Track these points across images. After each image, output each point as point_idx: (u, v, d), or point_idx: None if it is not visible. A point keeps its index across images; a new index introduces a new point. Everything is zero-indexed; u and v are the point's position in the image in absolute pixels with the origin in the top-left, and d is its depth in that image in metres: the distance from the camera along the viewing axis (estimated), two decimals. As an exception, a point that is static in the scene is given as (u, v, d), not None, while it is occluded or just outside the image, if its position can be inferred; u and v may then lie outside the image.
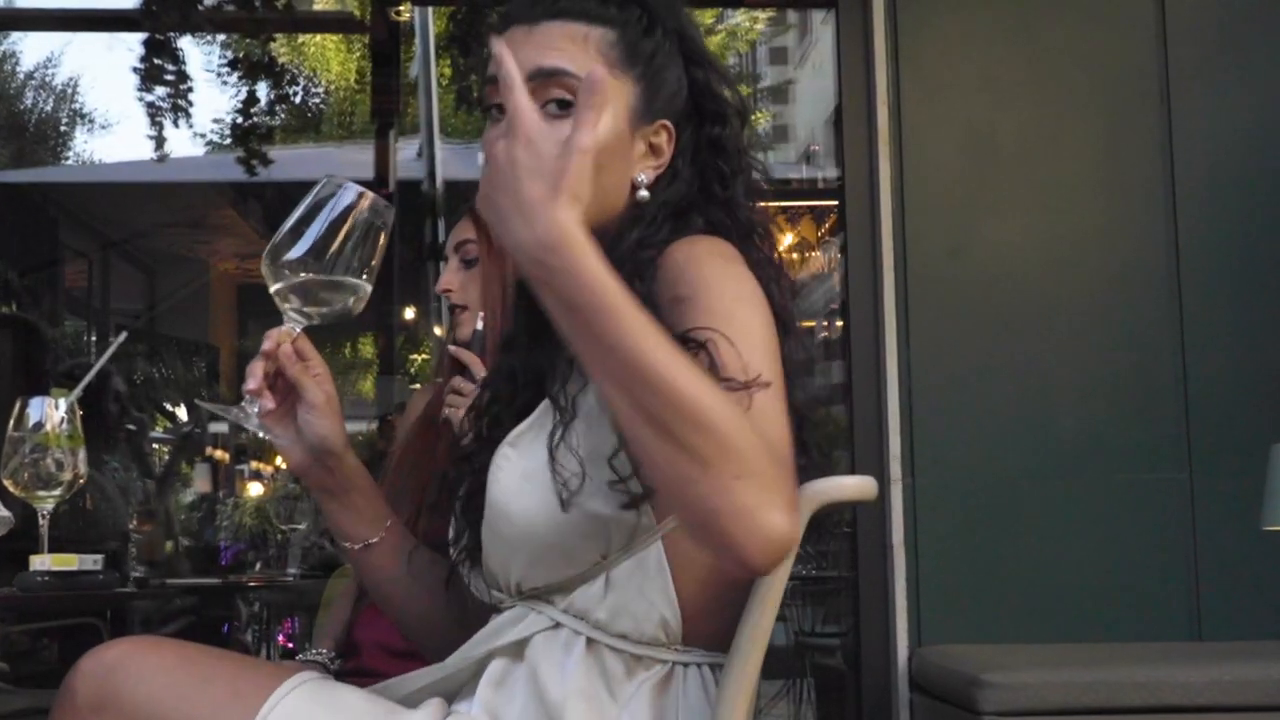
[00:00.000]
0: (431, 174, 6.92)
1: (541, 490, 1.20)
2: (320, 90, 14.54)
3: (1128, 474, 3.14)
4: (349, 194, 1.29)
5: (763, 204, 1.36)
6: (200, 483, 10.49)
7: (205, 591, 4.72)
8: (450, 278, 2.17)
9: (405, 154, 7.05)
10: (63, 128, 16.50)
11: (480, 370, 2.00)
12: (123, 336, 2.34)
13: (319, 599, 2.71)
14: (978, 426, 3.14)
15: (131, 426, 4.61)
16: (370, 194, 1.29)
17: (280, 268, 1.28)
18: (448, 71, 6.11)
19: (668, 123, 1.32)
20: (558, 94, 1.26)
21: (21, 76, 15.93)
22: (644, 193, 1.29)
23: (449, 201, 6.93)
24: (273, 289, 1.29)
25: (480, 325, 2.09)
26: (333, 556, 4.64)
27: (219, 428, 12.08)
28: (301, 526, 4.65)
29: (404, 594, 1.45)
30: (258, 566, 6.99)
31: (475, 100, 5.25)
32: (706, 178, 1.32)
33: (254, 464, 12.98)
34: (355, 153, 8.07)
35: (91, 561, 1.97)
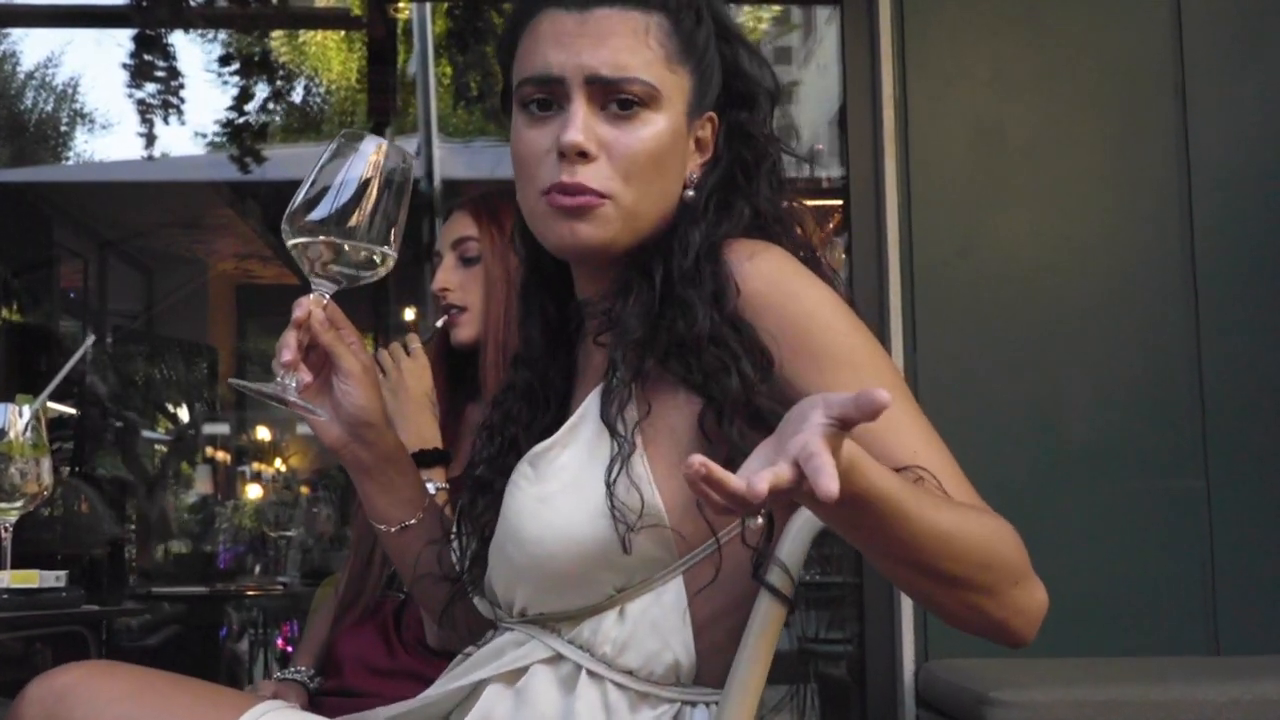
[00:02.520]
0: (429, 173, 6.83)
1: (558, 515, 1.13)
2: (321, 90, 14.47)
3: (1142, 481, 3.04)
4: (369, 146, 1.22)
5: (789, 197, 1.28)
6: (201, 484, 10.46)
7: (195, 599, 4.63)
8: (447, 276, 2.03)
9: (403, 153, 6.96)
10: (63, 128, 16.44)
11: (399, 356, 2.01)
12: (90, 340, 2.25)
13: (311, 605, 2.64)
14: (986, 432, 3.04)
15: (119, 424, 4.55)
16: (389, 144, 1.22)
17: (301, 230, 1.21)
18: (448, 70, 6.04)
19: (713, 114, 1.25)
20: (622, 96, 1.17)
21: (21, 76, 15.87)
22: (690, 192, 1.22)
23: (447, 201, 6.85)
24: (291, 247, 1.22)
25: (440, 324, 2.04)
26: (324, 567, 4.57)
27: (219, 429, 12.01)
28: (293, 533, 4.58)
29: (437, 584, 1.37)
30: (257, 570, 6.95)
31: (475, 98, 5.19)
32: (735, 165, 1.24)
33: (255, 465, 12.95)
34: (353, 152, 7.96)
35: (54, 578, 1.88)
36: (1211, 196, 3.11)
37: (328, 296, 1.25)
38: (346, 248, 1.22)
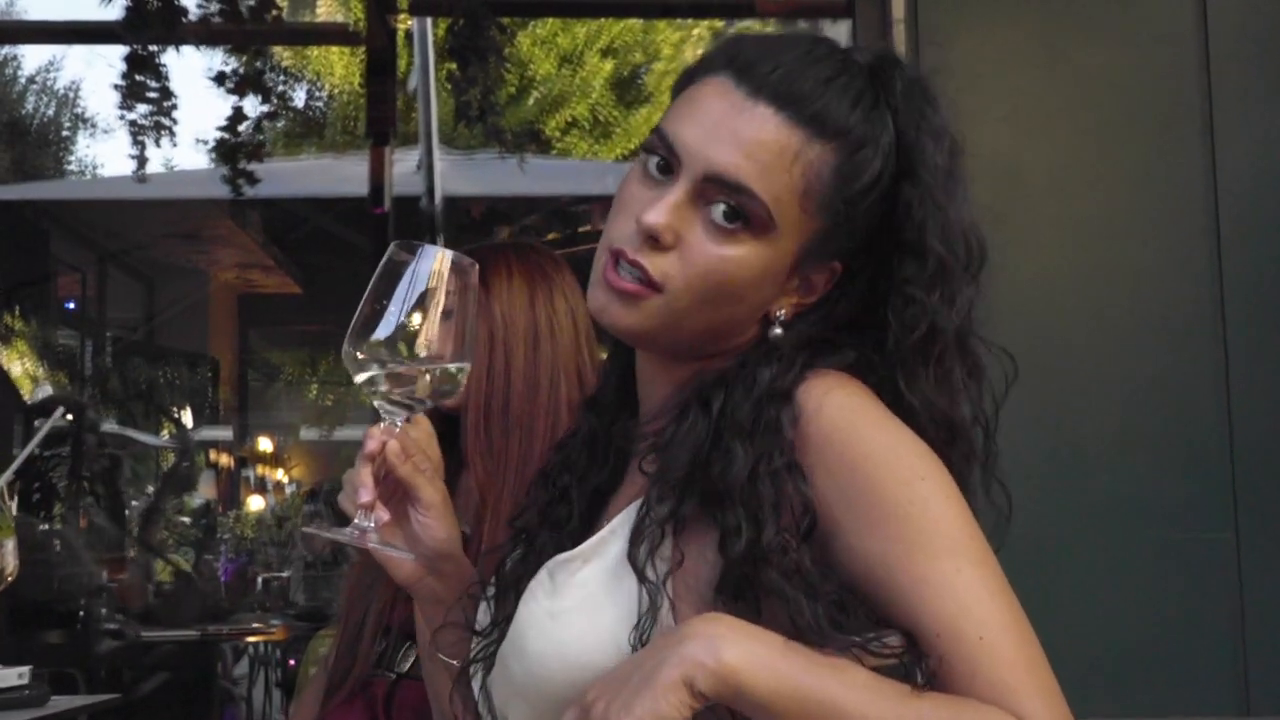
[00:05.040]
0: (430, 189, 6.70)
1: (566, 634, 1.03)
2: (323, 95, 14.38)
3: (1168, 533, 2.93)
4: (427, 257, 1.14)
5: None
6: (206, 489, 10.45)
7: (186, 645, 4.50)
8: None
9: (405, 166, 6.85)
10: (65, 133, 16.42)
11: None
12: (59, 413, 2.15)
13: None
14: (1007, 482, 2.92)
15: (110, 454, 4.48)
16: (450, 253, 1.15)
17: (366, 356, 1.12)
18: (448, 81, 5.92)
19: (837, 265, 1.10)
20: (730, 201, 1.04)
21: (22, 82, 15.83)
22: (777, 330, 1.10)
23: (449, 217, 6.74)
24: (360, 380, 1.14)
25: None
26: (320, 608, 4.46)
27: (220, 434, 11.96)
28: (285, 574, 4.48)
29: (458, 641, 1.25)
30: (259, 582, 6.88)
31: (475, 116, 5.07)
32: (876, 318, 1.10)
33: (260, 469, 12.92)
34: (354, 165, 7.90)
35: (15, 676, 1.77)
36: (1241, 236, 2.99)
37: (399, 425, 1.17)
38: (418, 373, 1.14)
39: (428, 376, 1.14)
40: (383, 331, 1.12)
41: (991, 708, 0.94)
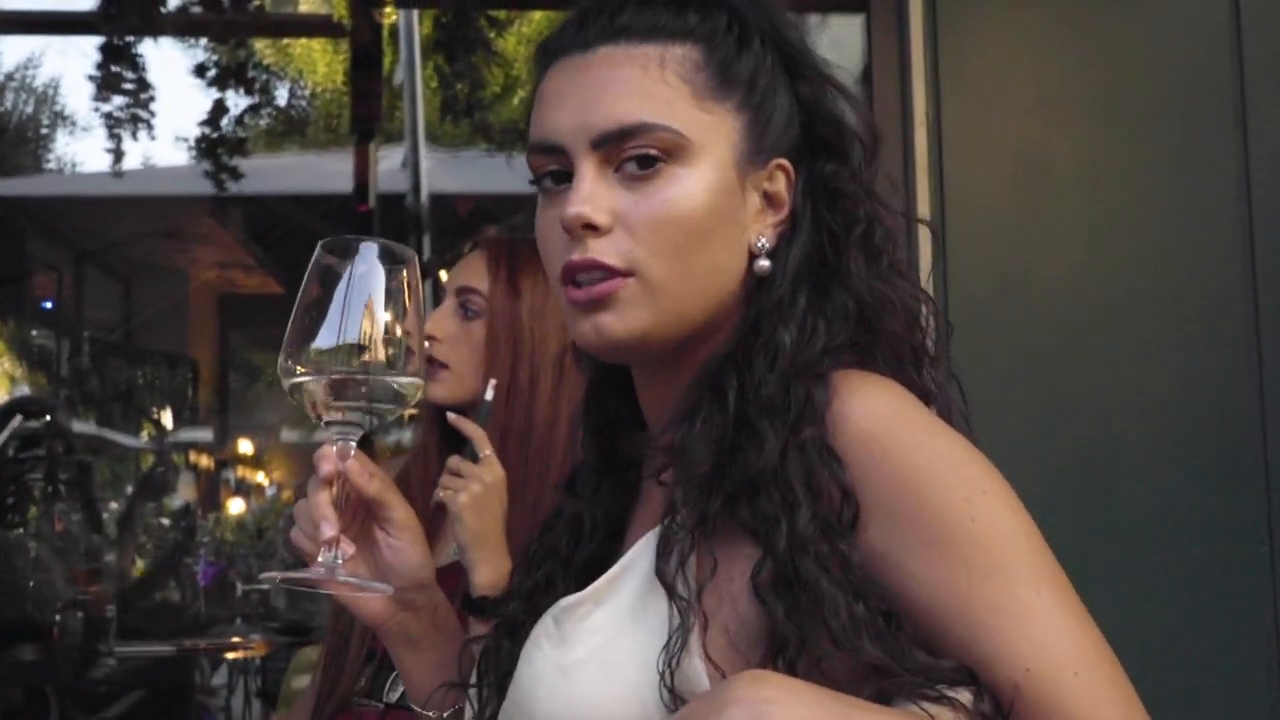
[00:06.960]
0: (416, 186, 6.58)
1: (578, 691, 0.91)
2: (305, 93, 14.26)
3: (1200, 546, 2.79)
4: (364, 255, 1.02)
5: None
6: (185, 491, 10.38)
7: (162, 660, 4.35)
8: (441, 324, 1.78)
9: (389, 164, 6.75)
10: (44, 130, 16.29)
11: (485, 446, 1.62)
12: (16, 421, 2.02)
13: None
14: (1030, 491, 2.76)
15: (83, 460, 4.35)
16: (386, 245, 1.03)
17: (305, 368, 1.00)
18: (434, 77, 5.81)
19: (784, 161, 1.00)
20: (637, 150, 0.94)
21: (0, 79, 15.70)
22: (764, 263, 0.98)
23: (435, 216, 6.62)
24: (296, 389, 1.02)
25: (490, 395, 1.71)
26: (302, 620, 4.31)
27: (200, 435, 11.82)
28: (265, 586, 4.33)
29: None
30: (238, 589, 6.76)
31: (463, 110, 4.95)
32: (821, 233, 1.00)
33: (240, 471, 12.81)
34: (338, 162, 7.80)
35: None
36: (1275, 230, 2.85)
37: (354, 443, 1.05)
38: (365, 383, 1.01)
39: (375, 383, 1.01)
40: (324, 340, 1.00)
41: None
